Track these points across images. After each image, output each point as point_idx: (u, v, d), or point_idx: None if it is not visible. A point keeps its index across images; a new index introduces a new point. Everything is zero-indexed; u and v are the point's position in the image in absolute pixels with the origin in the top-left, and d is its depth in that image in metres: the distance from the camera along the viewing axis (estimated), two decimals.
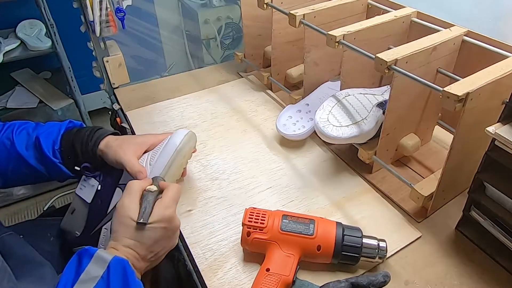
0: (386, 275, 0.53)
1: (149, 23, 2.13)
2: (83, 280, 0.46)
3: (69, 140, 0.64)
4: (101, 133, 0.65)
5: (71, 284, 0.46)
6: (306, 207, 0.71)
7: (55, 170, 0.64)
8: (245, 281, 0.58)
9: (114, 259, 0.48)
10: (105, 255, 0.49)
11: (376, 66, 0.64)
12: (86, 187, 0.66)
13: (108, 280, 0.47)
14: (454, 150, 0.60)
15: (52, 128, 0.66)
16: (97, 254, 0.49)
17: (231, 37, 2.12)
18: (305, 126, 0.85)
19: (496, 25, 0.85)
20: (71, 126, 0.68)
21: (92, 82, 1.33)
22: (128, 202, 0.55)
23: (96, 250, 0.49)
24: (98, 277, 0.47)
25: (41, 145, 0.63)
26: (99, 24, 0.95)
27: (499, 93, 0.58)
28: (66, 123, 0.68)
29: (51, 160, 0.63)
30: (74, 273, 0.48)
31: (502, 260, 0.60)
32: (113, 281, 0.47)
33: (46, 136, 0.64)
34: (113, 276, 0.47)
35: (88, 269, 0.47)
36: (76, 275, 0.47)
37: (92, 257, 0.48)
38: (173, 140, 0.67)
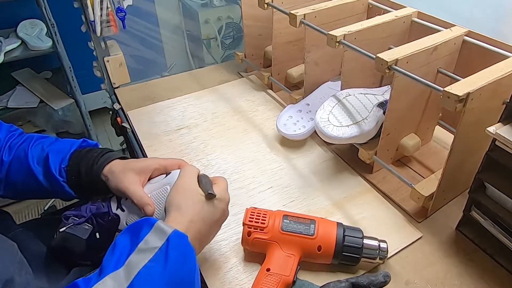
0: (386, 275, 0.53)
1: (149, 23, 2.13)
2: (141, 249, 0.45)
3: (76, 160, 0.62)
4: (108, 157, 0.62)
5: (128, 252, 0.45)
6: (307, 207, 0.71)
7: (59, 189, 0.61)
8: (246, 281, 0.58)
9: (174, 232, 0.47)
10: (165, 227, 0.47)
11: (377, 66, 0.64)
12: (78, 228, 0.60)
13: (166, 252, 0.45)
14: (454, 150, 0.60)
15: (64, 145, 0.64)
16: (157, 224, 0.47)
17: (231, 37, 2.12)
18: (305, 126, 0.85)
19: (497, 25, 0.85)
20: (84, 145, 0.66)
21: (92, 82, 1.33)
22: (190, 178, 0.55)
23: (156, 220, 0.48)
24: (157, 249, 0.45)
25: (49, 161, 0.61)
26: (100, 24, 0.95)
27: (500, 93, 0.58)
28: (80, 142, 0.65)
29: (55, 178, 0.61)
30: (129, 241, 0.46)
31: (502, 260, 0.61)
32: (172, 254, 0.45)
33: (56, 152, 0.62)
34: (171, 249, 0.45)
35: (147, 239, 0.46)
36: (133, 244, 0.46)
37: (152, 227, 0.47)
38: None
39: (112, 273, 0.43)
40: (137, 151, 0.89)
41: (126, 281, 0.42)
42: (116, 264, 0.44)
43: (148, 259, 0.44)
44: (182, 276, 0.45)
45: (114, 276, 0.42)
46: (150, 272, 0.43)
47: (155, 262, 0.44)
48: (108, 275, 0.42)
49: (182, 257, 0.46)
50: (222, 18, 2.03)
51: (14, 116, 1.64)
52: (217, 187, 0.56)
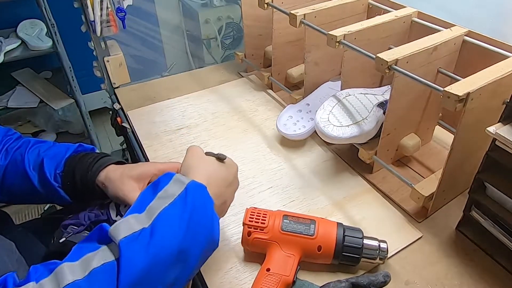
0: (386, 275, 0.53)
1: (149, 22, 2.13)
2: (161, 197, 0.47)
3: (71, 165, 0.61)
4: (103, 162, 0.61)
5: (149, 200, 0.47)
6: (307, 207, 0.71)
7: (54, 194, 0.61)
8: (246, 281, 0.58)
9: (192, 182, 0.49)
10: (183, 178, 0.49)
11: (377, 66, 0.64)
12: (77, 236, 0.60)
13: (185, 199, 0.47)
14: (454, 150, 0.60)
15: (60, 150, 0.63)
16: (176, 176, 0.50)
17: (231, 37, 2.12)
18: (305, 126, 0.85)
19: (497, 25, 0.85)
20: (80, 150, 0.65)
21: (92, 82, 1.33)
22: (198, 151, 0.57)
23: (174, 173, 0.50)
24: (176, 195, 0.47)
25: (44, 167, 0.60)
26: (100, 23, 0.95)
27: (500, 93, 0.58)
28: (75, 147, 0.65)
29: (50, 183, 0.60)
30: (151, 192, 0.48)
31: (502, 260, 0.60)
32: (190, 201, 0.47)
33: (51, 157, 0.62)
34: (190, 196, 0.47)
35: (167, 188, 0.48)
36: (154, 193, 0.48)
37: (171, 179, 0.49)
38: None
39: (134, 214, 0.45)
40: (137, 151, 0.89)
41: (147, 221, 0.44)
42: (138, 209, 0.46)
43: (168, 203, 0.46)
44: (200, 220, 0.47)
45: (136, 216, 0.45)
46: (169, 214, 0.46)
47: (175, 206, 0.46)
48: (130, 215, 0.45)
49: (200, 203, 0.48)
50: (222, 18, 2.03)
51: (14, 116, 1.64)
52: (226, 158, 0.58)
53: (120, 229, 0.43)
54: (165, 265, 0.43)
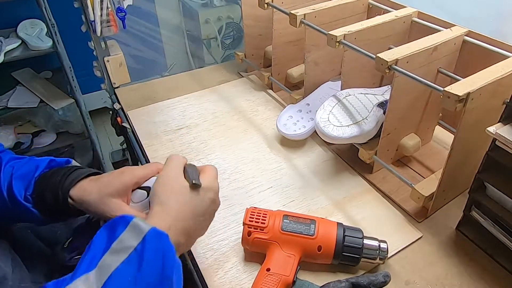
0: (386, 275, 0.53)
1: (149, 22, 2.13)
2: (115, 250, 0.42)
3: (41, 185, 0.55)
4: (72, 179, 0.55)
5: (102, 253, 0.42)
6: (307, 207, 0.71)
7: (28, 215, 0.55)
8: (246, 281, 0.58)
9: (151, 230, 0.44)
10: (142, 224, 0.44)
11: (377, 66, 0.64)
12: None
13: (142, 253, 0.42)
14: (454, 150, 0.60)
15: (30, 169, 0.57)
16: (133, 222, 0.44)
17: (231, 37, 2.12)
18: (305, 126, 0.85)
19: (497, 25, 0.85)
20: (53, 165, 0.58)
21: (92, 82, 1.33)
22: (174, 169, 0.52)
23: (132, 217, 0.44)
24: (132, 248, 0.42)
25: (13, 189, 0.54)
26: (100, 23, 0.95)
27: (500, 93, 0.58)
28: (46, 162, 0.58)
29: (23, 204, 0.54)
30: (106, 240, 0.43)
31: (502, 260, 0.61)
32: (148, 255, 0.42)
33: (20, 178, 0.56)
34: (148, 250, 0.42)
35: (122, 238, 0.43)
36: (108, 243, 0.43)
37: (128, 225, 0.44)
38: None
39: (84, 275, 0.40)
40: (137, 151, 0.89)
41: (97, 284, 0.40)
42: (88, 266, 0.41)
43: (121, 260, 0.41)
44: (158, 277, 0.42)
45: (85, 279, 0.40)
46: (122, 274, 0.41)
47: (129, 264, 0.41)
48: (79, 277, 0.40)
49: (159, 257, 0.43)
50: (222, 18, 2.03)
51: (14, 116, 1.64)
52: (205, 176, 0.53)
53: None
54: None
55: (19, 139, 1.64)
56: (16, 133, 1.64)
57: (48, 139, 1.69)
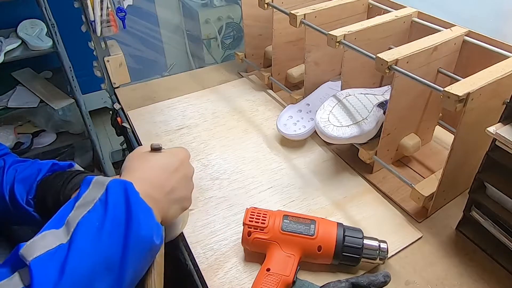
0: (386, 275, 0.53)
1: (150, 22, 2.13)
2: (80, 205, 0.43)
3: (43, 189, 0.56)
4: (73, 184, 0.55)
5: (68, 212, 0.42)
6: (307, 207, 0.71)
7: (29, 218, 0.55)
8: (246, 281, 0.58)
9: (112, 181, 0.44)
10: (103, 179, 0.45)
11: (377, 66, 0.64)
12: None
13: (106, 201, 0.43)
14: (454, 150, 0.60)
15: (32, 172, 0.57)
16: (95, 179, 0.45)
17: (231, 37, 2.12)
18: (305, 126, 0.85)
19: (497, 25, 0.85)
20: (55, 168, 0.59)
21: (93, 82, 1.33)
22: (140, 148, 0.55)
23: (94, 176, 0.45)
24: (96, 200, 0.43)
25: (15, 191, 0.55)
26: (100, 23, 0.95)
27: (500, 93, 0.58)
28: (48, 166, 0.58)
29: (24, 208, 0.55)
30: (72, 202, 0.44)
31: (502, 260, 0.60)
32: (112, 202, 0.42)
33: (22, 181, 0.56)
34: (111, 197, 0.43)
35: (85, 195, 0.44)
36: (73, 203, 0.43)
37: (90, 183, 0.45)
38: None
39: (51, 230, 0.41)
40: None
41: (66, 235, 0.40)
42: (55, 224, 0.41)
43: (87, 210, 0.42)
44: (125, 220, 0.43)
45: (53, 233, 0.41)
46: (89, 221, 0.41)
47: (94, 211, 0.42)
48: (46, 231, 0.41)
49: (124, 201, 0.43)
50: (222, 18, 2.03)
51: (14, 116, 1.64)
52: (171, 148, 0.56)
53: (34, 247, 0.38)
54: (90, 278, 0.39)
55: (19, 139, 1.64)
56: (16, 133, 1.65)
57: (48, 139, 1.69)
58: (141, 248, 0.44)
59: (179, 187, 0.53)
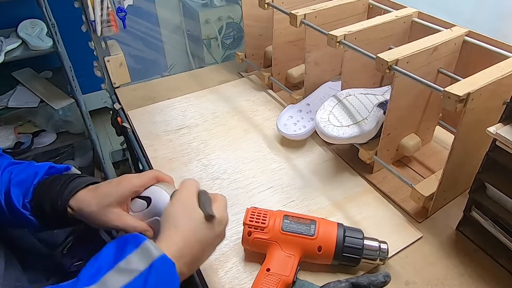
0: (386, 275, 0.53)
1: (150, 22, 2.13)
2: (121, 269, 0.41)
3: (40, 193, 0.55)
4: (71, 189, 0.54)
5: (106, 269, 0.41)
6: (307, 207, 0.71)
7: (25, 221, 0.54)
8: (246, 281, 0.58)
9: (161, 257, 0.43)
10: (153, 248, 0.43)
11: (377, 66, 0.64)
12: None
13: (146, 279, 0.41)
14: (455, 150, 0.60)
15: (28, 175, 0.56)
16: (144, 244, 0.43)
17: (232, 37, 2.12)
18: (305, 126, 0.85)
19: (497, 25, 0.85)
20: (52, 171, 0.58)
21: (93, 82, 1.33)
22: (190, 195, 0.51)
23: (145, 239, 0.44)
24: (138, 272, 0.41)
25: (11, 195, 0.54)
26: (100, 23, 0.95)
27: (500, 93, 0.58)
28: (45, 169, 0.57)
29: (20, 211, 0.53)
30: (113, 256, 0.42)
31: (502, 260, 0.61)
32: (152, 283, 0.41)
33: (18, 184, 0.55)
34: (153, 277, 0.41)
35: (130, 258, 0.42)
36: (115, 261, 0.42)
37: (139, 247, 0.43)
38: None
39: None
40: (138, 151, 0.89)
41: None
42: (90, 279, 0.40)
43: (125, 282, 0.40)
44: None
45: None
46: None
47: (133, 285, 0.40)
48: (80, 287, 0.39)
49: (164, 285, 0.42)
50: (222, 18, 2.03)
51: (14, 116, 1.64)
52: (217, 206, 0.52)
53: None
54: None
55: (19, 139, 1.64)
56: (16, 133, 1.64)
57: (48, 139, 1.68)
58: None
59: (207, 255, 0.52)
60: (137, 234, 0.45)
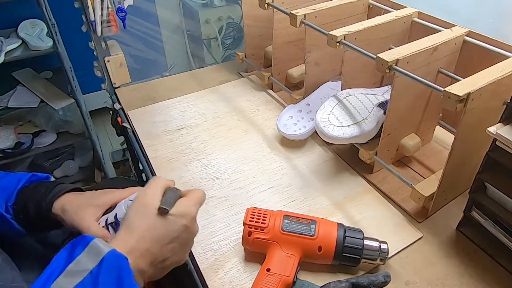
0: (386, 275, 0.53)
1: (150, 22, 2.13)
2: (70, 272, 0.40)
3: (23, 197, 0.56)
4: (56, 191, 0.56)
5: (57, 274, 0.40)
6: (307, 207, 0.71)
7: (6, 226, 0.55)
8: (246, 281, 0.58)
9: (110, 253, 0.42)
10: (102, 246, 0.42)
11: (377, 66, 0.64)
12: None
13: (97, 277, 0.40)
14: (455, 150, 0.60)
15: (11, 181, 0.58)
16: (93, 243, 0.42)
17: (232, 37, 2.12)
18: (306, 126, 0.85)
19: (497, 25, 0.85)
20: (33, 179, 0.60)
21: (93, 82, 1.33)
22: (151, 192, 0.50)
23: (93, 238, 0.43)
24: (87, 272, 0.40)
25: None
26: (100, 23, 0.95)
27: (500, 93, 0.58)
28: (28, 176, 0.59)
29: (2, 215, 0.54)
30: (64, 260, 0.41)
31: (502, 260, 0.61)
32: (103, 279, 0.40)
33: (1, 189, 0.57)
34: (104, 273, 0.40)
35: (79, 259, 0.41)
36: (65, 264, 0.41)
37: (87, 246, 0.42)
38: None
39: None
40: (138, 151, 0.89)
41: None
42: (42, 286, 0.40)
43: (75, 283, 0.39)
44: None
45: None
46: None
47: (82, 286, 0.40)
48: None
49: (115, 282, 0.41)
50: (222, 18, 2.03)
51: (14, 116, 1.64)
52: (184, 201, 0.51)
53: None
54: None
55: (20, 139, 1.64)
56: (16, 133, 1.64)
57: (49, 139, 1.69)
58: None
59: (174, 255, 0.50)
60: (85, 236, 0.44)
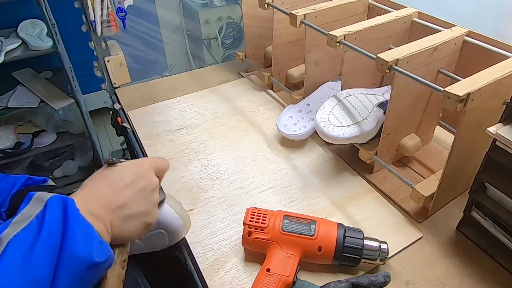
0: (386, 275, 0.53)
1: (150, 22, 2.13)
2: (16, 222, 0.40)
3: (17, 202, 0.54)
4: None
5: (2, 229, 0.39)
6: (307, 207, 0.71)
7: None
8: (246, 281, 0.58)
9: (53, 197, 0.42)
10: (46, 194, 0.42)
11: (377, 66, 0.64)
12: None
13: (42, 218, 0.40)
14: (455, 150, 0.60)
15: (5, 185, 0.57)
16: (36, 195, 0.42)
17: (232, 37, 2.12)
18: (306, 126, 0.85)
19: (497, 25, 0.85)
20: (29, 183, 0.59)
21: (93, 82, 1.33)
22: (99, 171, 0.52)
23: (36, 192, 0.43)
24: (32, 217, 0.40)
25: None
26: (100, 23, 0.95)
27: (500, 93, 0.58)
28: (23, 180, 0.58)
29: None
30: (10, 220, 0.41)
31: (502, 260, 0.61)
32: (49, 219, 0.40)
33: None
34: (49, 214, 0.40)
35: (24, 211, 0.41)
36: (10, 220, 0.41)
37: (31, 200, 0.42)
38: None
39: None
40: (138, 151, 0.89)
41: None
42: None
43: (20, 228, 0.39)
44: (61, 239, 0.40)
45: None
46: (20, 241, 0.38)
47: (28, 230, 0.39)
48: None
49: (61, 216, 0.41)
50: (222, 18, 2.03)
51: (14, 116, 1.64)
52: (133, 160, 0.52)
53: None
54: None
55: (19, 139, 1.64)
56: (16, 133, 1.64)
57: (48, 139, 1.69)
58: (77, 267, 0.40)
59: (133, 202, 0.49)
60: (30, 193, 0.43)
